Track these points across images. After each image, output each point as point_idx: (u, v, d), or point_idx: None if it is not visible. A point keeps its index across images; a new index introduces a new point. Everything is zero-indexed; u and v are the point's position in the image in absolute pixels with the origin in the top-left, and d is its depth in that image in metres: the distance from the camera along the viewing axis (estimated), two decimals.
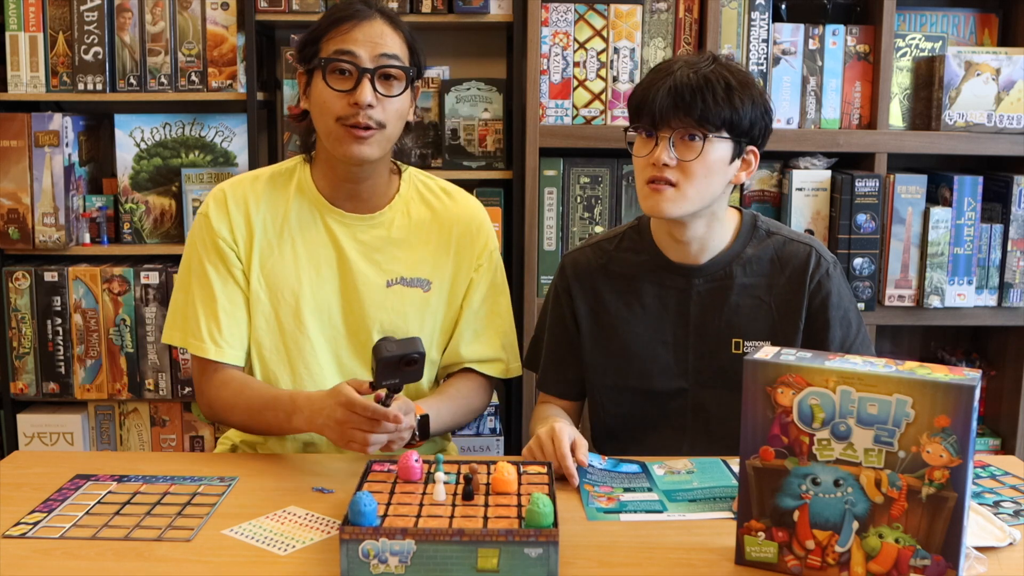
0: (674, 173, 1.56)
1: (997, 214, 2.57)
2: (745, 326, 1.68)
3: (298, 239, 1.72)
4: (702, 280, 1.69)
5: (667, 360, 1.70)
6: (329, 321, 1.73)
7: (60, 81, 2.60)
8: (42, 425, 2.70)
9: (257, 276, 1.71)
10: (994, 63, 2.50)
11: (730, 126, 1.57)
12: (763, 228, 1.71)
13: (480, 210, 1.84)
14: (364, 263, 1.73)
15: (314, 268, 1.72)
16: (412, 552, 1.19)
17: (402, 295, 1.74)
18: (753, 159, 1.65)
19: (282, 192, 1.74)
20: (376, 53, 1.62)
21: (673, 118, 1.55)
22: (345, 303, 1.73)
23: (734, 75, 1.58)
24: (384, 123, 1.63)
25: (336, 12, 1.66)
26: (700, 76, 1.56)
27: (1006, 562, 1.28)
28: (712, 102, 1.54)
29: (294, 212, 1.72)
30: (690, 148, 1.56)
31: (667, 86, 1.55)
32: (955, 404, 1.12)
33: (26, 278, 2.62)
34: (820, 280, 1.67)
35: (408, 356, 1.39)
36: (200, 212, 1.74)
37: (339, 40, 1.63)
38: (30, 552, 1.28)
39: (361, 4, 1.66)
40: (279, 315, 1.71)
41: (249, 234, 1.71)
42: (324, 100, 1.63)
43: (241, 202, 1.72)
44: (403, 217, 1.76)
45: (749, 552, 1.26)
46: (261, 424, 1.65)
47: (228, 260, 1.71)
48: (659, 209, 1.58)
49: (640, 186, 1.61)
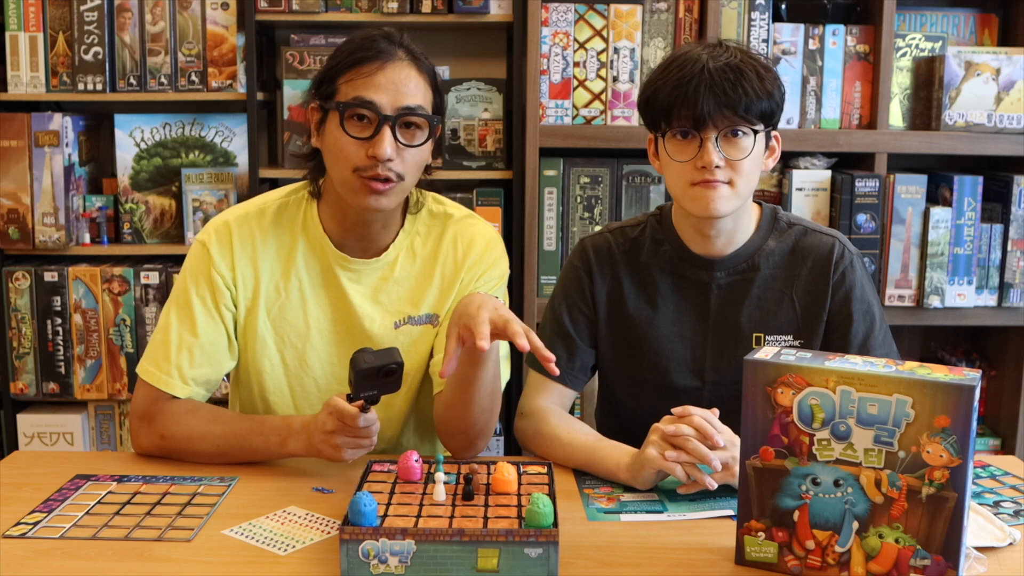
0: (724, 172, 1.52)
1: (997, 214, 2.57)
2: (767, 320, 1.64)
3: (305, 282, 1.64)
4: (724, 273, 1.65)
5: (684, 355, 1.67)
6: (341, 364, 1.66)
7: (60, 81, 2.60)
8: (42, 425, 2.70)
9: (264, 320, 1.64)
10: (994, 63, 2.50)
11: (768, 116, 1.54)
12: (784, 220, 1.68)
13: (488, 238, 1.71)
14: (370, 306, 1.65)
15: (322, 312, 1.65)
16: (412, 552, 1.19)
17: (411, 334, 1.67)
18: (776, 144, 1.63)
19: (288, 229, 1.64)
20: (399, 102, 1.50)
21: (718, 116, 1.51)
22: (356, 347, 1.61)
23: (757, 59, 1.54)
24: (403, 175, 1.53)
25: (357, 50, 1.53)
26: (733, 67, 1.50)
27: (1006, 562, 1.28)
28: (753, 94, 1.50)
29: (300, 253, 1.64)
30: (737, 145, 1.53)
31: (704, 84, 1.49)
32: (955, 404, 1.12)
33: (26, 278, 2.62)
34: (844, 271, 1.63)
35: (386, 367, 1.36)
36: (199, 240, 1.64)
37: (360, 84, 1.50)
38: (30, 552, 1.28)
39: (385, 41, 1.53)
40: (285, 358, 1.66)
41: (255, 278, 1.63)
42: (340, 147, 1.52)
43: (248, 242, 1.63)
44: (407, 255, 1.67)
45: (749, 552, 1.26)
46: (243, 450, 1.56)
47: (220, 297, 1.61)
48: (713, 208, 1.53)
49: (683, 188, 1.55)
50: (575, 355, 1.71)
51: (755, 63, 1.54)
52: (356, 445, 1.46)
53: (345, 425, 1.44)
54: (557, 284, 1.77)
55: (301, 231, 1.65)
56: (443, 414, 1.61)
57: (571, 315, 1.72)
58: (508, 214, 2.61)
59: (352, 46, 1.54)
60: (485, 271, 1.69)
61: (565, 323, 1.72)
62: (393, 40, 1.55)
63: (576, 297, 1.72)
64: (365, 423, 1.43)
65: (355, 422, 1.43)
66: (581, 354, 1.72)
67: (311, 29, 2.66)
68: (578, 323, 1.72)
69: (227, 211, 1.68)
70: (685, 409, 1.44)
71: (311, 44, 2.64)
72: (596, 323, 1.72)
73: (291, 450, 1.53)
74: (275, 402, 1.68)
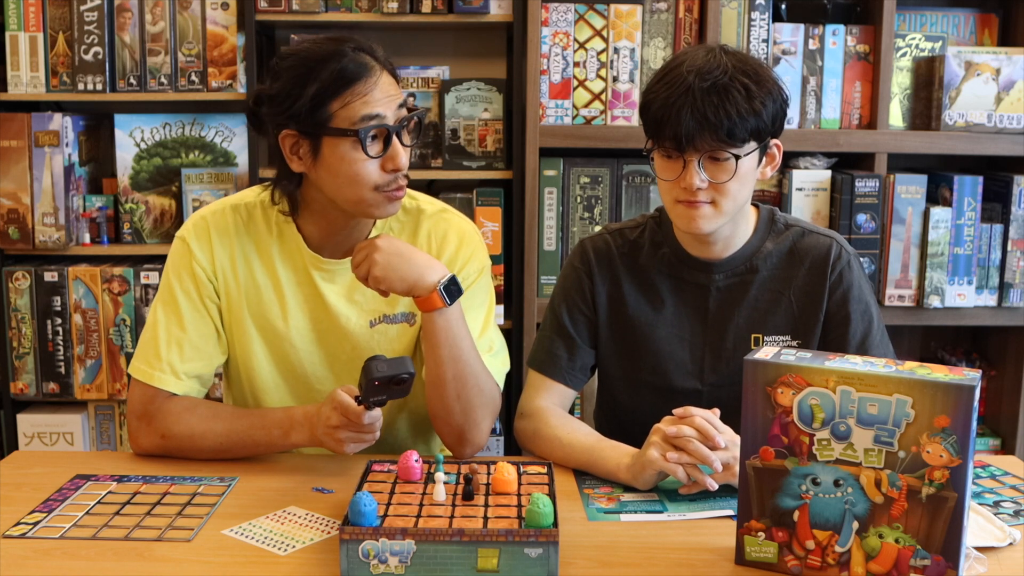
0: (707, 193, 1.53)
1: (997, 214, 2.57)
2: (765, 321, 1.65)
3: (282, 281, 1.64)
4: (722, 275, 1.66)
5: (683, 357, 1.68)
6: (322, 363, 1.67)
7: (60, 81, 2.60)
8: (42, 425, 2.70)
9: (246, 313, 1.64)
10: (994, 63, 2.50)
11: (757, 134, 1.52)
12: (781, 221, 1.69)
13: (462, 233, 1.69)
14: (345, 305, 1.65)
15: (300, 311, 1.65)
16: (412, 552, 1.19)
17: (387, 333, 1.67)
18: (777, 151, 1.62)
19: (264, 227, 1.65)
20: (395, 107, 1.51)
21: (699, 140, 1.49)
22: (334, 346, 1.67)
23: (749, 74, 1.51)
24: (408, 174, 1.56)
25: (340, 72, 1.48)
26: (719, 88, 1.48)
27: (1006, 562, 1.28)
28: (736, 116, 1.48)
29: (275, 252, 1.64)
30: (721, 168, 1.52)
31: (688, 107, 1.48)
32: (955, 404, 1.12)
33: (26, 278, 2.62)
34: (842, 272, 1.64)
35: (398, 376, 1.39)
36: (179, 236, 1.65)
37: (361, 104, 1.48)
38: (30, 552, 1.28)
39: (364, 56, 1.51)
40: (270, 352, 1.66)
41: (234, 271, 1.63)
42: (356, 170, 1.49)
43: (225, 235, 1.63)
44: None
45: (749, 552, 1.26)
46: (246, 445, 1.57)
47: (204, 290, 1.62)
48: (696, 227, 1.55)
49: (670, 204, 1.57)
50: (575, 355, 1.72)
51: (746, 79, 1.50)
52: (359, 440, 1.49)
53: (349, 421, 1.46)
54: (557, 284, 1.77)
55: (276, 234, 1.65)
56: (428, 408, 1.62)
57: (571, 315, 1.72)
58: (508, 214, 2.61)
59: (331, 69, 1.48)
60: (462, 267, 1.67)
61: (565, 323, 1.72)
62: (363, 49, 1.52)
63: (576, 297, 1.72)
64: (369, 420, 1.46)
65: (359, 419, 1.45)
66: (581, 354, 1.72)
67: (311, 29, 2.65)
68: (578, 323, 1.72)
69: (204, 207, 1.69)
70: (686, 410, 1.44)
71: None
72: (596, 324, 1.72)
73: (294, 442, 1.55)
74: (267, 398, 1.68)
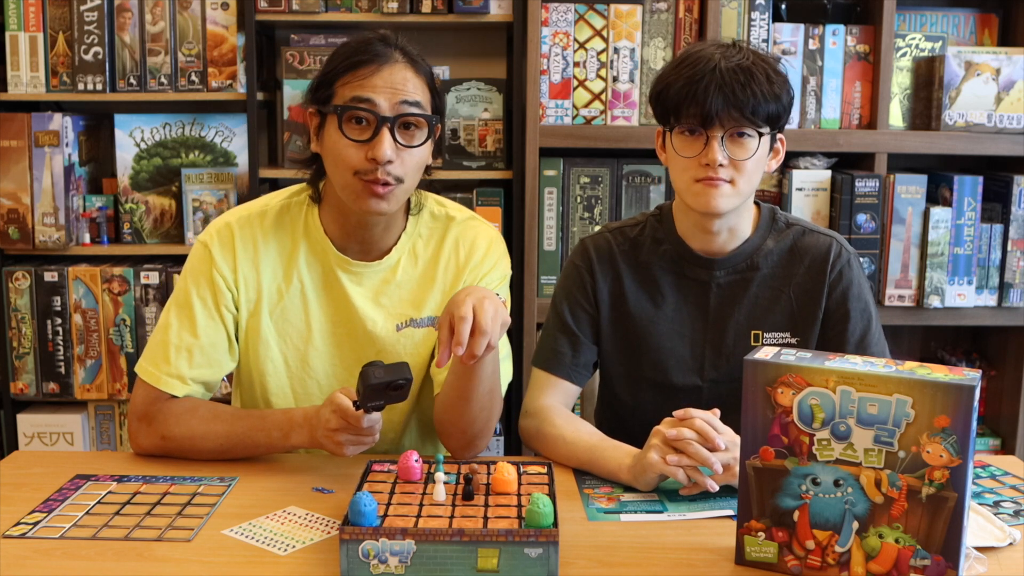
0: (727, 171, 1.55)
1: (997, 214, 2.57)
2: (764, 317, 1.66)
3: (307, 284, 1.64)
4: (723, 272, 1.67)
5: (684, 353, 1.69)
6: (343, 365, 1.67)
7: (60, 81, 2.60)
8: (42, 425, 2.70)
9: (266, 322, 1.64)
10: (994, 63, 2.50)
11: (774, 118, 1.57)
12: (782, 220, 1.70)
13: (490, 240, 1.71)
14: (372, 308, 1.65)
15: (323, 314, 1.65)
16: (412, 552, 1.19)
17: (413, 337, 1.67)
18: (781, 146, 1.65)
19: (290, 232, 1.64)
20: (396, 100, 1.50)
21: (725, 116, 1.53)
22: (358, 349, 1.66)
23: (768, 63, 1.56)
24: (402, 178, 1.52)
25: (353, 53, 1.52)
26: (744, 69, 1.53)
27: (1006, 562, 1.28)
28: (761, 97, 1.52)
29: (302, 255, 1.64)
30: (742, 146, 1.55)
31: (715, 83, 1.51)
32: (955, 404, 1.12)
33: (26, 278, 2.62)
34: (841, 270, 1.66)
35: (395, 382, 1.39)
36: (201, 241, 1.63)
37: (356, 86, 1.50)
38: (30, 552, 1.28)
39: (381, 44, 1.53)
40: (287, 360, 1.66)
41: (257, 280, 1.63)
42: (339, 151, 1.51)
43: (250, 243, 1.62)
44: (409, 257, 1.67)
45: (749, 552, 1.26)
46: (246, 446, 1.57)
47: (221, 298, 1.61)
48: (714, 205, 1.56)
49: (686, 183, 1.58)
50: (579, 351, 1.72)
51: (766, 66, 1.56)
52: (359, 442, 1.48)
53: (348, 424, 1.45)
54: (558, 283, 1.78)
55: (303, 234, 1.65)
56: (442, 414, 1.61)
57: (573, 312, 1.73)
58: (508, 214, 2.61)
59: (348, 50, 1.54)
60: (487, 273, 1.69)
61: (568, 320, 1.73)
62: (389, 42, 1.55)
63: (578, 295, 1.73)
64: (368, 423, 1.44)
65: (359, 422, 1.44)
66: (584, 350, 1.73)
67: (311, 29, 2.66)
68: (580, 320, 1.73)
69: (229, 212, 1.68)
70: (686, 412, 1.44)
71: (311, 44, 2.64)
72: (598, 320, 1.73)
73: (294, 443, 1.55)
74: (277, 403, 1.68)
